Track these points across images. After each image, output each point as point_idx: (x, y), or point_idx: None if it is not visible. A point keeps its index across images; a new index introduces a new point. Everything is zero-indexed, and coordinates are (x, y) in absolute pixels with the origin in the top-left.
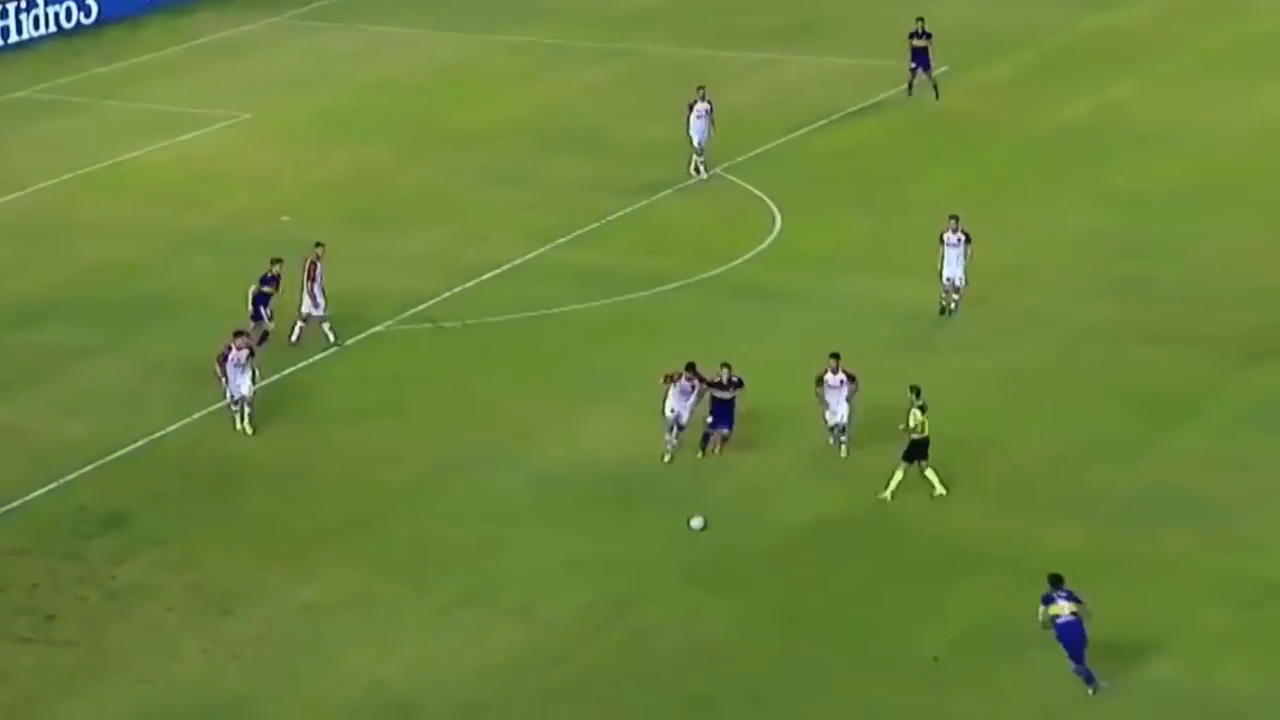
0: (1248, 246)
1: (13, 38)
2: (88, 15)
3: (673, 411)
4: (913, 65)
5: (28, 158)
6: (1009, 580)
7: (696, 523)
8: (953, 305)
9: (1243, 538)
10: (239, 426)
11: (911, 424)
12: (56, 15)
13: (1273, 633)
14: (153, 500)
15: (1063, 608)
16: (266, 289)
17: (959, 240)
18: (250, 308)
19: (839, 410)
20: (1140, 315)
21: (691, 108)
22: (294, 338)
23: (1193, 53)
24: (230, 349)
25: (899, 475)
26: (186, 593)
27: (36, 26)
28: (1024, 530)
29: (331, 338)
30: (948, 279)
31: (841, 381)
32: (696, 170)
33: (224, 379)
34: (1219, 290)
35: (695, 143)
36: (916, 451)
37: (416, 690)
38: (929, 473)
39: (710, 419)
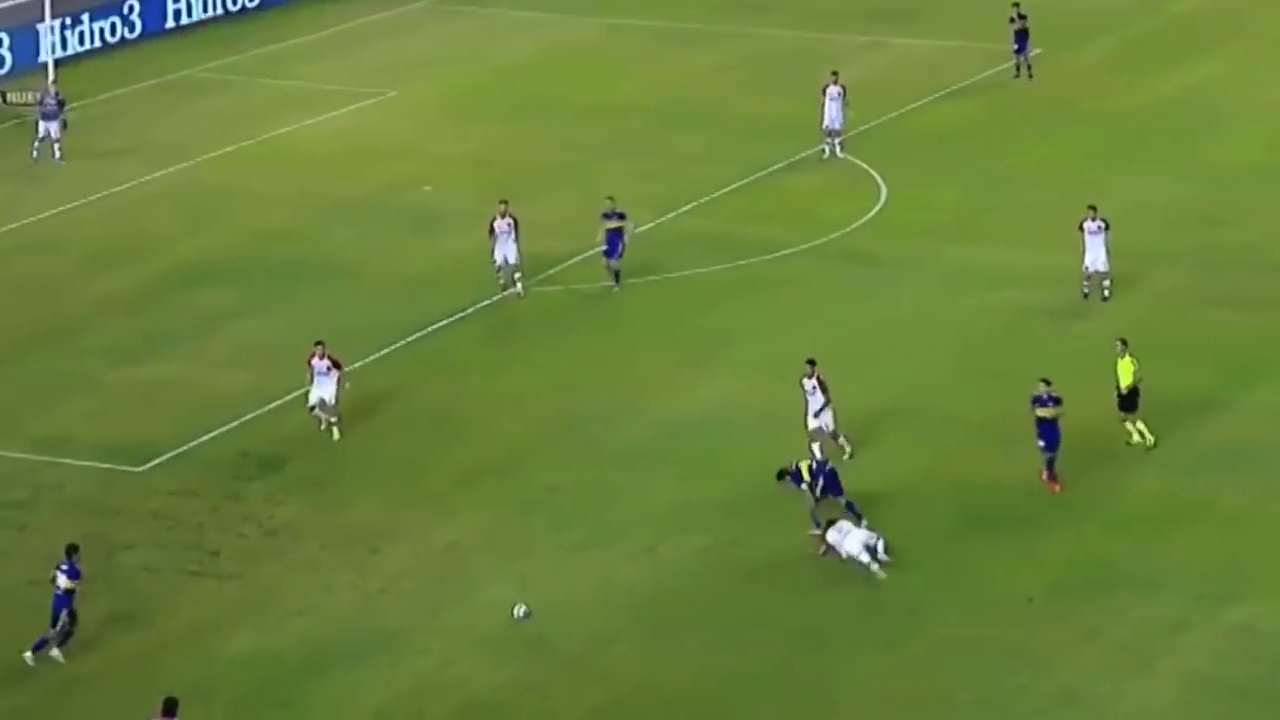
0: None
1: (183, 20)
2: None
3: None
4: (1015, 47)
5: (193, 131)
6: (1096, 526)
7: (519, 610)
8: (1105, 292)
9: None
10: (322, 428)
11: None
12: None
13: None
14: (305, 447)
15: None
16: (611, 224)
17: (1099, 228)
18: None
19: (822, 418)
20: (1218, 279)
21: (825, 90)
22: (506, 287)
23: (1271, 35)
24: (313, 355)
25: (1130, 428)
26: (337, 532)
27: (205, 10)
28: (1108, 480)
29: (511, 286)
30: (1088, 266)
31: (814, 388)
32: (831, 151)
33: (310, 377)
34: None
35: (826, 123)
36: (1126, 403)
37: (550, 623)
38: (1138, 424)
39: (1042, 442)
